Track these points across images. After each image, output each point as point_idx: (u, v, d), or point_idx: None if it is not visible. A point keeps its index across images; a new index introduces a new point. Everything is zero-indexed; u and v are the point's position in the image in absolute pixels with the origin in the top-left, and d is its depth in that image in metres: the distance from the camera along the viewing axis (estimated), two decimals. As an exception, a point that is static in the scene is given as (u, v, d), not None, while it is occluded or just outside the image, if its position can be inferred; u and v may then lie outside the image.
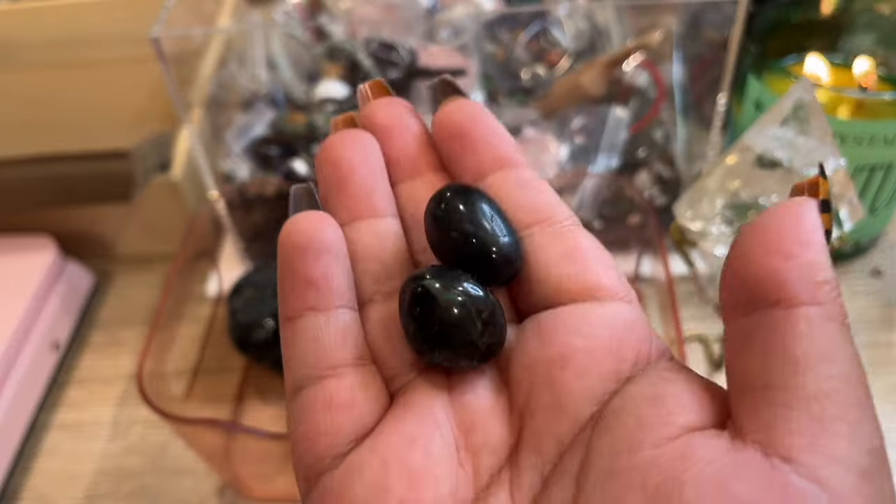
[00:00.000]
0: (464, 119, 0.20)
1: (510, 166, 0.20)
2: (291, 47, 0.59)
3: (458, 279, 0.18)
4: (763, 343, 0.15)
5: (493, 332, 0.18)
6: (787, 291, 0.15)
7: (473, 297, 0.17)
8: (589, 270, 0.18)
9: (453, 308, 0.17)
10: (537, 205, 0.19)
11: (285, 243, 0.19)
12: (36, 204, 0.54)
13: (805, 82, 0.41)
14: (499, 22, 0.59)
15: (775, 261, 0.15)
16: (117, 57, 0.64)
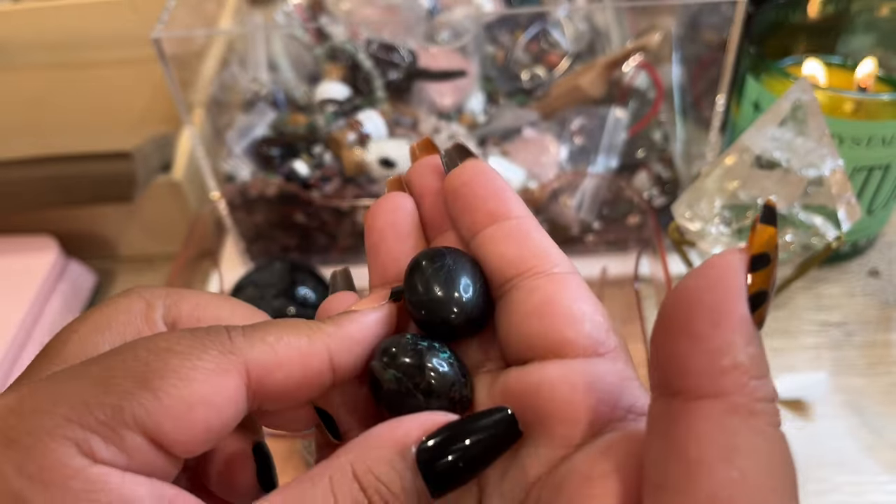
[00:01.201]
0: (464, 180, 0.21)
1: (502, 219, 0.20)
2: (292, 48, 0.59)
3: (413, 354, 0.19)
4: (662, 436, 0.15)
5: (440, 404, 0.19)
6: (688, 381, 0.14)
7: (412, 374, 0.19)
8: (555, 327, 0.18)
9: (393, 387, 0.19)
10: (522, 256, 0.19)
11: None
12: (38, 204, 0.55)
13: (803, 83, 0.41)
14: (499, 23, 0.60)
15: (680, 344, 0.14)
16: (119, 58, 0.64)
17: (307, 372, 0.18)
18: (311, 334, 0.18)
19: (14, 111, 0.64)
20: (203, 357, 0.17)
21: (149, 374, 0.16)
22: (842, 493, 0.42)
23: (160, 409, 0.16)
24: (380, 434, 0.17)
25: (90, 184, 0.52)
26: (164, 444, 0.16)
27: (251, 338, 0.17)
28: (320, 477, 0.17)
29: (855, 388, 0.47)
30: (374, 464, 0.17)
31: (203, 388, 0.16)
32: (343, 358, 0.19)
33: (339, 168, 0.54)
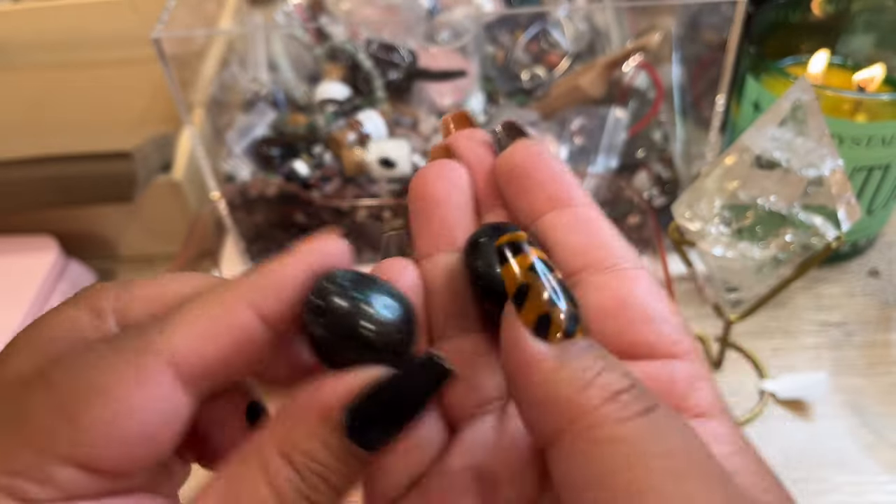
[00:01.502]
0: (520, 161, 0.20)
1: (564, 206, 0.19)
2: (292, 48, 0.59)
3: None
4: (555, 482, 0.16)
5: (379, 357, 0.17)
6: (533, 432, 0.16)
7: (344, 322, 0.17)
8: (628, 328, 0.17)
9: (324, 340, 0.17)
10: (588, 247, 0.18)
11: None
12: (38, 204, 0.55)
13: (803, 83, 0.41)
14: (499, 23, 0.60)
15: (517, 402, 0.16)
16: (119, 58, 0.64)
17: (237, 335, 0.16)
18: (229, 293, 0.17)
19: (14, 111, 0.64)
20: (120, 367, 0.16)
21: (66, 401, 0.15)
22: (842, 493, 0.42)
23: (83, 436, 0.15)
24: (301, 403, 0.16)
25: (90, 184, 0.52)
26: (99, 468, 0.15)
27: (169, 328, 0.16)
28: (252, 458, 0.16)
29: (855, 388, 0.47)
30: (300, 439, 0.16)
31: (126, 400, 0.15)
32: (271, 307, 0.17)
33: (339, 168, 0.54)
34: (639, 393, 0.15)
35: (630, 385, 0.15)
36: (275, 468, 0.16)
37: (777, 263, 0.43)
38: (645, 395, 0.15)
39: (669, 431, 0.14)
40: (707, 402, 0.17)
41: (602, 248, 0.18)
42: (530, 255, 0.16)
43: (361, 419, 0.16)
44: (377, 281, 0.18)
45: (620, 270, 0.18)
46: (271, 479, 0.16)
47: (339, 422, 0.16)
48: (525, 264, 0.16)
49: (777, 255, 0.43)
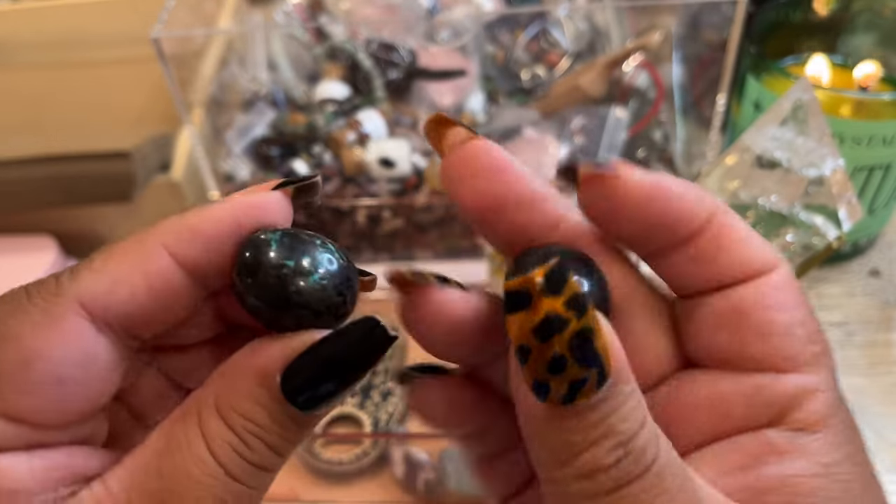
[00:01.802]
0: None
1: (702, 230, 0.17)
2: (292, 48, 0.59)
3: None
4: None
5: (315, 321, 0.16)
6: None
7: (278, 284, 0.16)
8: (739, 343, 0.17)
9: (254, 302, 0.16)
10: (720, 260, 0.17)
11: None
12: (37, 204, 0.54)
13: (804, 83, 0.41)
14: (499, 23, 0.59)
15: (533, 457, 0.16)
16: (118, 57, 0.64)
17: (153, 280, 0.16)
18: (142, 237, 0.16)
19: (13, 110, 0.64)
20: (29, 310, 0.15)
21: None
22: (843, 493, 0.42)
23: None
24: (239, 364, 0.16)
25: (89, 183, 0.52)
26: (20, 418, 0.15)
27: (77, 271, 0.16)
28: (190, 416, 0.16)
29: (856, 388, 0.47)
30: (237, 399, 0.15)
31: (33, 342, 0.15)
32: (190, 253, 0.16)
33: (339, 168, 0.54)
34: (621, 472, 0.14)
35: (614, 462, 0.14)
36: (213, 428, 0.15)
37: (778, 263, 0.43)
38: (632, 466, 0.14)
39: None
40: (813, 415, 0.16)
41: (713, 261, 0.17)
42: (539, 312, 0.14)
43: (298, 382, 0.15)
44: (313, 238, 0.16)
45: (750, 276, 0.17)
46: (209, 439, 0.15)
47: (276, 384, 0.15)
48: (530, 323, 0.14)
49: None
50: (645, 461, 0.15)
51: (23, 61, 0.66)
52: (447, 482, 0.42)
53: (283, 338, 0.16)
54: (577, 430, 0.15)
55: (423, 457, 0.42)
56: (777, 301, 0.16)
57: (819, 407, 0.16)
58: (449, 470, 0.42)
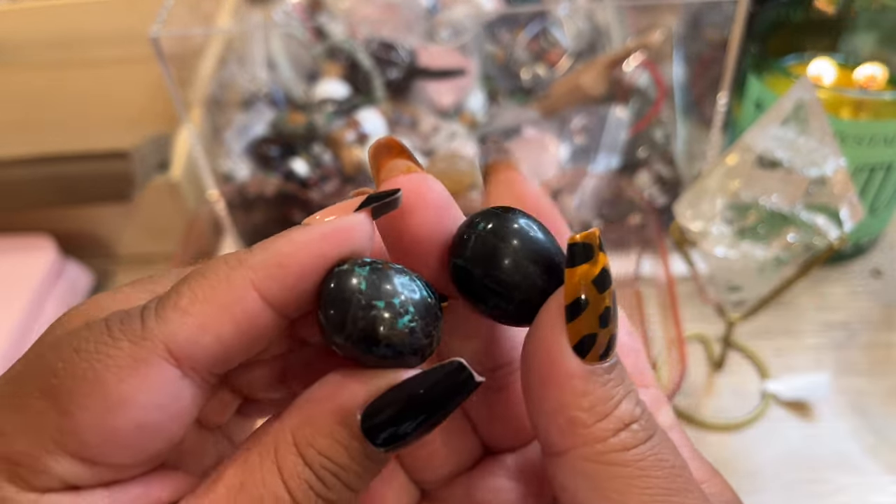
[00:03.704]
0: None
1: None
2: (291, 47, 0.59)
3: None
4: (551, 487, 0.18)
5: (401, 360, 0.16)
6: (542, 439, 0.17)
7: (363, 323, 0.16)
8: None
9: (339, 341, 0.16)
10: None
11: None
12: (36, 203, 0.54)
13: (805, 82, 0.41)
14: (499, 22, 0.59)
15: (529, 406, 0.17)
16: (117, 57, 0.64)
17: (239, 323, 0.15)
18: (230, 274, 0.15)
19: (11, 110, 0.64)
20: (113, 353, 0.15)
21: (59, 387, 0.15)
22: (844, 494, 0.42)
23: (75, 428, 0.14)
24: (319, 400, 0.16)
25: (88, 183, 0.52)
26: (97, 461, 0.15)
27: (163, 311, 0.15)
28: (267, 451, 0.16)
29: (857, 388, 0.46)
30: (315, 437, 0.15)
31: (117, 389, 0.14)
32: (277, 292, 0.15)
33: (338, 167, 0.54)
34: (645, 421, 0.16)
35: (640, 414, 0.16)
36: (290, 464, 0.15)
37: (779, 263, 0.43)
38: (649, 422, 0.16)
39: (664, 454, 0.16)
40: (670, 419, 0.19)
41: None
42: (598, 265, 0.16)
43: (379, 422, 0.15)
44: (400, 274, 0.16)
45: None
46: (286, 476, 0.15)
47: (357, 423, 0.15)
48: (591, 275, 0.15)
49: (779, 255, 0.42)
50: (652, 416, 0.17)
51: (21, 61, 0.66)
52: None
53: (365, 375, 0.16)
54: (613, 384, 0.16)
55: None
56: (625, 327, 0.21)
57: (669, 413, 0.20)
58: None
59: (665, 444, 0.16)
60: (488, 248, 0.16)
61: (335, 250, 0.16)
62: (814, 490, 0.42)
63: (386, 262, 0.16)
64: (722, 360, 0.49)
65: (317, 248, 0.16)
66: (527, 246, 0.16)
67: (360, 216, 0.16)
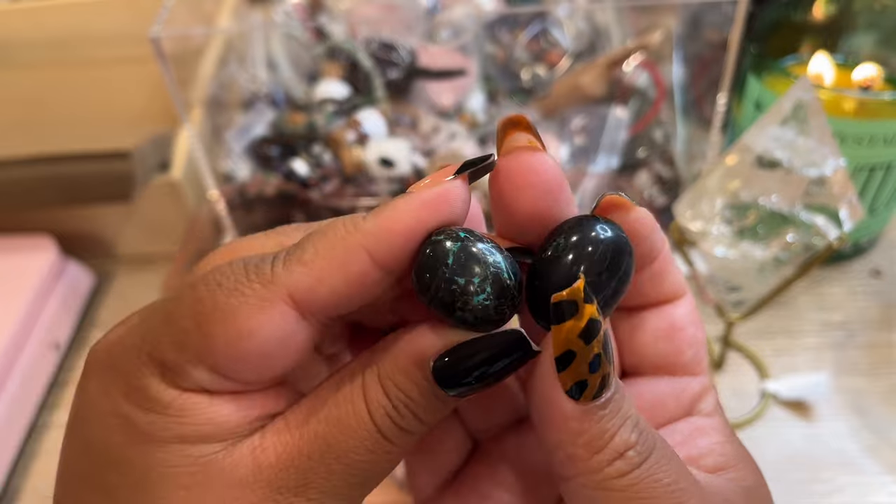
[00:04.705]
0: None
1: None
2: (291, 47, 0.59)
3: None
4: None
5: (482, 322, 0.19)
6: (552, 467, 0.20)
7: (453, 288, 0.18)
8: (675, 352, 0.23)
9: (433, 299, 0.18)
10: (650, 285, 0.23)
11: None
12: (36, 204, 0.54)
13: (805, 82, 0.41)
14: (499, 22, 0.59)
15: (542, 440, 0.20)
16: (117, 57, 0.64)
17: (350, 279, 0.18)
18: (347, 237, 0.18)
19: (12, 110, 0.64)
20: (245, 292, 0.18)
21: (202, 312, 0.18)
22: (844, 494, 0.42)
23: (211, 347, 0.18)
24: (400, 345, 0.19)
25: (88, 183, 0.52)
26: (227, 375, 0.18)
27: (290, 262, 0.18)
28: (356, 378, 0.19)
29: (857, 388, 0.47)
30: (396, 374, 0.18)
31: (247, 322, 0.17)
32: (384, 255, 0.18)
33: (339, 168, 0.54)
34: (641, 445, 0.18)
35: (636, 440, 0.18)
36: (373, 393, 0.18)
37: (779, 263, 0.43)
38: (646, 444, 0.18)
39: (660, 474, 0.18)
40: (712, 405, 0.22)
41: (661, 282, 0.22)
42: (583, 318, 0.17)
43: (446, 370, 0.18)
44: (488, 251, 0.18)
45: (678, 296, 0.22)
46: (368, 402, 0.18)
47: (429, 368, 0.18)
48: (576, 330, 0.17)
49: (779, 256, 0.43)
50: (653, 436, 0.18)
51: (21, 60, 0.66)
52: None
53: (443, 330, 0.18)
54: (606, 419, 0.18)
55: (422, 457, 0.42)
56: (693, 319, 0.22)
57: (714, 400, 0.23)
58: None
59: (662, 463, 0.18)
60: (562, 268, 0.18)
61: (434, 216, 0.18)
62: (813, 490, 0.42)
63: (481, 235, 0.18)
64: (721, 359, 0.49)
65: (418, 215, 0.18)
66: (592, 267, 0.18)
67: (456, 182, 0.18)
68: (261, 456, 0.18)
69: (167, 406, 0.18)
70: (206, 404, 0.18)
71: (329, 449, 0.18)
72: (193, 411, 0.18)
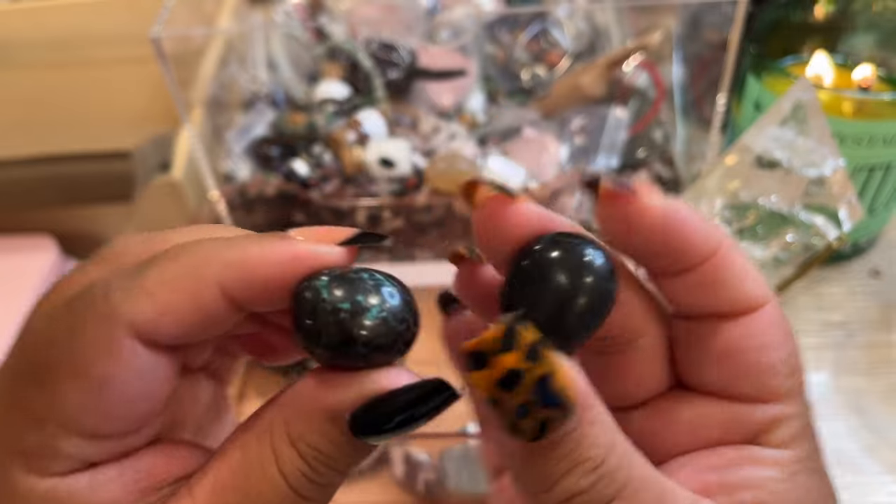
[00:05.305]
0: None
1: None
2: (292, 48, 0.59)
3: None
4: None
5: (383, 357, 0.17)
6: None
7: (346, 323, 0.16)
8: (732, 379, 0.19)
9: (321, 340, 0.17)
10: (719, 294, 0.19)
11: None
12: (36, 204, 0.54)
13: (804, 83, 0.41)
14: (499, 23, 0.59)
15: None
16: (118, 57, 0.64)
17: (200, 312, 0.16)
18: (200, 267, 0.16)
19: (12, 110, 0.64)
20: (86, 334, 0.16)
21: (46, 377, 0.16)
22: (844, 493, 0.41)
23: (70, 412, 0.16)
24: (311, 398, 0.17)
25: (89, 183, 0.52)
26: (98, 434, 0.16)
27: (131, 290, 0.16)
28: (264, 438, 0.17)
29: (856, 388, 0.47)
30: (308, 433, 0.17)
31: (96, 369, 0.16)
32: (240, 294, 0.16)
33: (339, 168, 0.54)
34: (595, 492, 0.16)
35: (588, 486, 0.16)
36: (284, 454, 0.17)
37: (778, 263, 0.43)
38: (606, 489, 0.16)
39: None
40: (787, 436, 0.18)
41: (712, 292, 0.18)
42: (497, 369, 0.15)
43: (365, 422, 0.16)
44: (358, 274, 0.16)
45: (744, 310, 0.18)
46: (280, 464, 0.17)
47: (345, 423, 0.16)
48: (492, 379, 0.15)
49: (778, 256, 0.43)
50: (618, 482, 0.16)
51: (22, 60, 0.66)
52: (447, 482, 0.42)
53: (355, 379, 0.17)
54: (552, 462, 0.16)
55: (423, 457, 0.42)
56: (766, 340, 0.18)
57: (791, 431, 0.18)
58: (449, 470, 0.42)
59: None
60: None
61: (305, 271, 0.17)
62: (812, 489, 0.42)
63: (345, 270, 0.17)
64: (721, 359, 0.49)
65: (288, 267, 0.16)
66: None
67: (339, 249, 0.17)
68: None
69: (43, 500, 0.16)
70: (87, 490, 0.16)
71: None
72: (76, 498, 0.16)
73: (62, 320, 0.16)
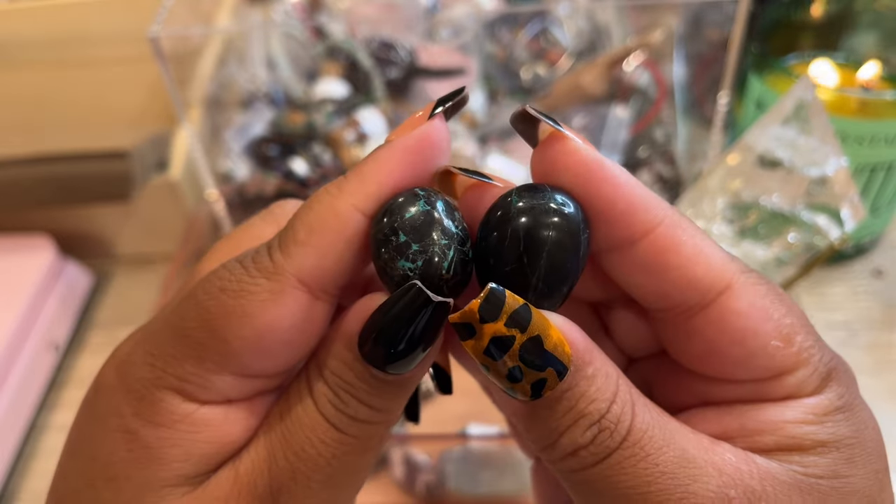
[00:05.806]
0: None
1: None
2: (291, 47, 0.58)
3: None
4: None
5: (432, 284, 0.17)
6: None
7: (406, 250, 0.17)
8: (727, 366, 0.19)
9: (381, 264, 0.18)
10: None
11: None
12: (35, 203, 0.54)
13: (806, 82, 0.41)
14: (499, 21, 0.59)
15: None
16: (116, 56, 0.64)
17: (351, 242, 0.18)
18: (334, 203, 0.18)
19: (10, 110, 0.64)
20: (253, 290, 0.17)
21: (213, 321, 0.17)
22: (846, 495, 0.41)
23: (233, 352, 0.17)
24: (334, 327, 0.18)
25: (87, 183, 0.52)
26: (250, 375, 0.18)
27: (286, 247, 0.18)
28: (303, 374, 0.19)
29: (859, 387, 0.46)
30: (328, 359, 0.18)
31: (265, 318, 0.17)
32: (375, 208, 0.18)
33: (338, 167, 0.54)
34: (597, 447, 0.16)
35: (590, 439, 0.16)
36: (315, 384, 0.18)
37: (780, 263, 0.43)
38: (605, 442, 0.16)
39: (619, 476, 0.16)
40: (805, 388, 0.18)
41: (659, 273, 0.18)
42: (483, 338, 0.16)
43: (371, 344, 0.17)
44: (441, 217, 0.17)
45: (704, 300, 0.18)
46: (313, 393, 0.18)
47: (355, 345, 0.17)
48: (479, 349, 0.16)
49: (780, 255, 0.42)
50: (620, 433, 0.16)
51: (19, 60, 0.66)
52: (447, 484, 0.42)
53: (361, 303, 0.18)
54: (552, 419, 0.17)
55: (422, 458, 0.42)
56: (744, 324, 0.17)
57: (814, 382, 0.18)
58: (449, 471, 0.42)
59: (624, 465, 0.16)
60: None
61: (420, 159, 0.18)
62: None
63: (436, 202, 0.17)
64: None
65: (402, 162, 0.18)
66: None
67: (434, 122, 0.18)
68: (238, 464, 0.18)
69: (181, 420, 0.18)
70: (220, 419, 0.18)
71: (288, 446, 0.18)
72: (208, 426, 0.18)
73: (231, 277, 0.18)
